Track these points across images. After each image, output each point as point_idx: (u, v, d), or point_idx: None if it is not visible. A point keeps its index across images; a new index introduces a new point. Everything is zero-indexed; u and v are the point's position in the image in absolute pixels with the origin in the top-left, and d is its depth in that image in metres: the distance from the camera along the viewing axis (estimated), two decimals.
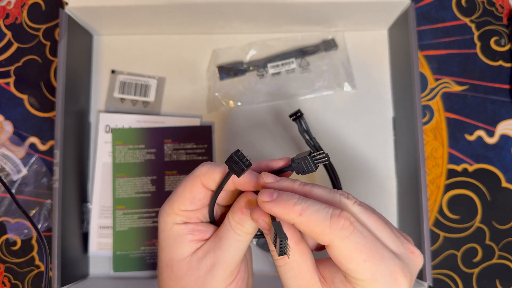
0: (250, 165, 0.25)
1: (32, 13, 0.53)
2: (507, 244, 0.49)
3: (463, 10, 0.53)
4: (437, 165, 0.51)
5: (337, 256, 0.24)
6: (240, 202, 0.28)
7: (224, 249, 0.28)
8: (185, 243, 0.29)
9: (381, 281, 0.24)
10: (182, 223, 0.29)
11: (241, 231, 0.28)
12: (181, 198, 0.29)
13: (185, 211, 0.29)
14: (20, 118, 0.51)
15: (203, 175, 0.28)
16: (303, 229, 0.25)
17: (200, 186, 0.29)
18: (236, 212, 0.28)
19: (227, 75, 0.50)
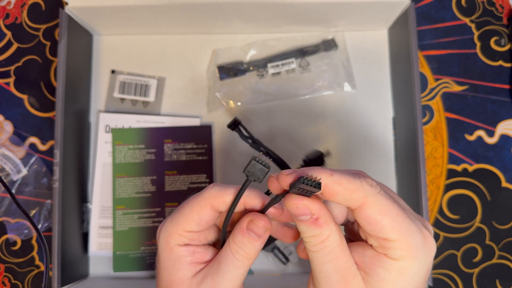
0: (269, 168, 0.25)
1: (32, 13, 0.53)
2: (507, 244, 0.49)
3: (463, 10, 0.53)
4: (437, 165, 0.51)
5: (371, 214, 0.24)
6: (242, 223, 0.28)
7: (222, 275, 0.28)
8: (185, 265, 0.28)
9: (413, 239, 0.24)
10: (183, 244, 0.29)
11: (240, 256, 0.28)
12: (188, 219, 0.28)
13: (190, 232, 0.29)
14: (20, 118, 0.51)
15: (213, 198, 0.28)
16: (336, 189, 0.24)
17: (209, 208, 0.28)
18: (238, 234, 0.28)
19: (227, 75, 0.50)
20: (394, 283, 0.25)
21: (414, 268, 0.25)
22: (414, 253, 0.24)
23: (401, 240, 0.24)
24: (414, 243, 0.24)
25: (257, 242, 0.28)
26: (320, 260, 0.26)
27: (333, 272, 0.26)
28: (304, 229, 0.26)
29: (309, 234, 0.26)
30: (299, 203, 0.25)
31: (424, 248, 0.25)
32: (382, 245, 0.25)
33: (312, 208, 0.25)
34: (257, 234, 0.28)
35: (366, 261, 0.26)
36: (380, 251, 0.25)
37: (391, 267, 0.25)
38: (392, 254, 0.25)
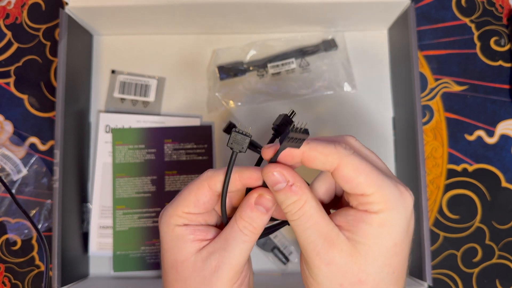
0: (251, 136, 0.26)
1: (32, 13, 0.53)
2: (507, 244, 0.49)
3: (463, 10, 0.53)
4: (437, 165, 0.51)
5: (347, 173, 0.26)
6: (250, 199, 0.29)
7: (230, 250, 0.28)
8: (187, 243, 0.29)
9: (389, 191, 0.26)
10: (182, 225, 0.29)
11: (249, 231, 0.29)
12: (186, 200, 0.29)
13: (188, 213, 0.29)
14: (20, 118, 0.51)
15: (209, 178, 0.29)
16: (312, 155, 0.26)
17: (206, 189, 0.29)
18: (246, 210, 0.29)
19: (227, 75, 0.50)
20: (377, 235, 0.26)
21: (393, 219, 0.26)
22: (391, 205, 0.26)
23: (378, 193, 0.26)
24: (391, 195, 0.26)
25: (265, 216, 0.29)
26: (302, 227, 0.27)
27: (317, 236, 0.27)
28: (282, 198, 0.27)
29: (287, 203, 0.27)
30: (274, 169, 0.27)
31: (401, 199, 0.26)
32: (361, 202, 0.26)
33: (287, 174, 0.27)
34: (266, 208, 0.29)
35: (350, 220, 0.27)
36: (361, 209, 0.26)
37: (372, 221, 0.26)
38: (371, 208, 0.26)
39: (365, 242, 0.26)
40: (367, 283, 0.26)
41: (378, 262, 0.26)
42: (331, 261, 0.26)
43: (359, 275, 0.26)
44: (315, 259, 0.27)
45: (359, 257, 0.26)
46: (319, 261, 0.27)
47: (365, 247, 0.26)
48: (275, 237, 0.48)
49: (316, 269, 0.27)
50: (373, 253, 0.26)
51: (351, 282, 0.26)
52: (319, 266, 0.27)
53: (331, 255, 0.26)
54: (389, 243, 0.26)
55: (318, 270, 0.27)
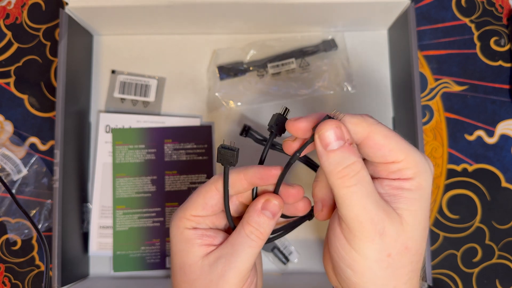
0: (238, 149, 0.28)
1: (32, 13, 0.53)
2: (507, 244, 0.49)
3: (463, 10, 0.53)
4: (437, 165, 0.51)
5: (378, 140, 0.26)
6: (257, 204, 0.29)
7: (237, 255, 0.29)
8: (195, 247, 0.30)
9: (417, 156, 0.26)
10: (191, 228, 0.30)
11: (255, 236, 0.29)
12: (195, 203, 0.30)
13: (196, 216, 0.30)
14: (20, 118, 0.51)
15: (216, 181, 0.30)
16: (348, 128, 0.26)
17: (214, 192, 0.30)
18: (253, 215, 0.29)
19: (227, 75, 0.50)
20: (419, 200, 0.26)
21: (425, 182, 0.26)
22: (421, 168, 0.26)
23: (408, 159, 0.26)
24: (419, 159, 0.26)
25: (272, 221, 0.29)
26: (360, 194, 0.25)
27: (374, 206, 0.25)
28: (338, 159, 0.25)
29: (345, 164, 0.25)
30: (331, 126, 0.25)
31: (427, 163, 0.27)
32: (392, 170, 0.26)
33: (346, 132, 0.25)
34: (273, 213, 0.29)
35: (387, 191, 0.26)
36: (393, 177, 0.26)
37: (411, 186, 0.26)
38: (404, 175, 0.26)
39: (410, 208, 0.26)
40: (411, 248, 0.26)
41: (422, 225, 0.26)
42: (385, 231, 0.25)
43: (407, 242, 0.26)
44: (369, 231, 0.25)
45: (406, 224, 0.26)
46: (374, 231, 0.25)
47: (411, 213, 0.26)
48: None
49: (368, 241, 0.25)
50: (418, 218, 0.26)
51: (399, 250, 0.26)
52: (373, 237, 0.25)
53: (385, 225, 0.25)
54: (426, 205, 0.27)
55: (370, 242, 0.25)
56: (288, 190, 0.30)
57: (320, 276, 0.48)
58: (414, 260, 0.27)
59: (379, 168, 0.27)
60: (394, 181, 0.26)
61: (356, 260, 0.26)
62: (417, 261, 0.27)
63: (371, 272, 0.26)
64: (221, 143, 0.28)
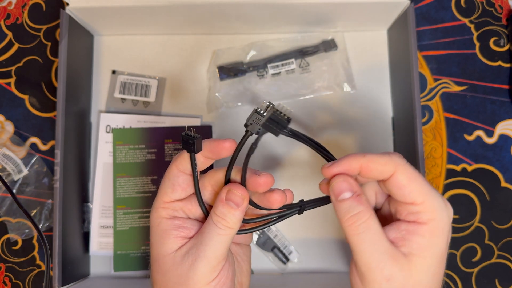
0: (199, 136, 0.28)
1: (33, 14, 0.53)
2: (506, 243, 0.50)
3: (462, 10, 0.53)
4: (436, 165, 0.51)
5: (401, 180, 0.27)
6: (221, 194, 0.30)
7: (205, 243, 0.29)
8: (170, 239, 0.30)
9: (436, 200, 0.27)
10: (169, 217, 0.30)
11: (222, 225, 0.29)
12: (163, 189, 0.30)
13: (170, 202, 0.30)
14: (21, 118, 0.52)
15: (176, 160, 0.30)
16: (371, 166, 0.28)
17: (175, 170, 0.30)
18: (218, 205, 0.29)
19: (227, 76, 0.50)
20: (430, 246, 0.27)
21: (441, 228, 0.27)
22: (438, 214, 0.27)
23: (427, 202, 0.27)
24: (437, 205, 0.27)
25: (236, 211, 0.29)
26: (368, 242, 0.27)
27: (382, 252, 0.27)
28: (346, 208, 0.27)
29: (352, 212, 0.27)
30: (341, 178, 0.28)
31: (446, 209, 0.28)
32: (410, 212, 0.27)
33: (354, 184, 0.28)
34: (236, 203, 0.29)
35: (404, 235, 0.28)
36: (410, 219, 0.28)
37: (425, 232, 0.27)
38: (421, 218, 0.27)
39: (420, 254, 0.27)
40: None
41: (431, 271, 0.27)
42: (392, 276, 0.27)
43: (415, 286, 0.27)
44: (377, 275, 0.27)
45: (415, 270, 0.27)
46: (380, 276, 0.27)
47: (421, 259, 0.27)
48: (275, 237, 0.49)
49: (376, 284, 0.27)
50: (428, 264, 0.27)
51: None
52: (380, 282, 0.27)
53: (393, 271, 0.27)
54: (439, 251, 0.28)
55: (378, 285, 0.27)
56: (255, 179, 0.30)
57: (320, 276, 0.48)
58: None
59: (400, 208, 0.28)
60: (410, 224, 0.28)
61: None
62: None
63: None
64: (184, 131, 0.29)
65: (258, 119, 0.27)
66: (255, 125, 0.27)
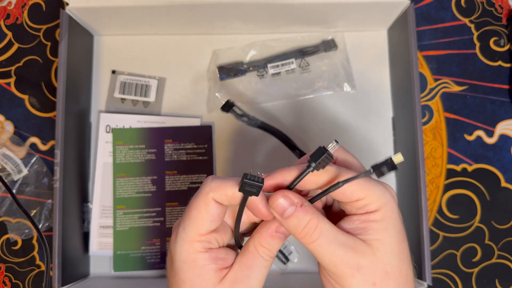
0: (263, 182, 0.26)
1: (32, 14, 0.53)
2: (507, 243, 0.50)
3: (462, 10, 0.53)
4: (436, 165, 0.51)
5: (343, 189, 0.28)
6: (270, 228, 0.29)
7: (254, 277, 0.29)
8: (211, 273, 0.28)
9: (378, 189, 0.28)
10: (204, 250, 0.28)
11: (268, 256, 0.29)
12: (199, 220, 0.28)
13: (206, 234, 0.28)
14: (20, 118, 0.52)
15: (215, 191, 0.28)
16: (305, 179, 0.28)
17: (214, 202, 0.28)
18: (266, 238, 0.29)
19: (227, 76, 0.50)
20: (385, 228, 0.28)
21: (390, 210, 0.28)
22: (384, 199, 0.28)
23: (370, 194, 0.28)
24: (380, 192, 0.28)
25: (283, 240, 0.30)
26: (325, 244, 0.28)
27: (342, 248, 0.28)
28: (295, 222, 0.28)
29: (302, 225, 0.28)
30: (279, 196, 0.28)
31: (387, 192, 0.29)
32: (358, 207, 0.28)
33: (293, 197, 0.28)
34: (285, 235, 0.29)
35: (356, 225, 0.28)
36: (361, 212, 0.28)
37: (376, 217, 0.28)
38: (370, 208, 0.28)
39: (379, 237, 0.28)
40: (392, 273, 0.28)
41: (394, 251, 0.28)
42: (359, 264, 0.27)
43: (385, 268, 0.28)
44: (345, 269, 0.27)
45: (378, 253, 0.28)
46: (350, 269, 0.27)
47: (380, 242, 0.28)
48: None
49: (348, 278, 0.28)
50: (389, 244, 0.28)
51: (381, 277, 0.28)
52: (352, 273, 0.27)
53: (358, 259, 0.27)
54: (396, 229, 0.28)
55: (351, 278, 0.27)
56: None
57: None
58: (400, 282, 0.28)
59: (348, 207, 0.29)
60: (362, 215, 0.28)
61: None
62: (404, 282, 0.28)
63: None
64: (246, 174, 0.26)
65: (328, 159, 0.28)
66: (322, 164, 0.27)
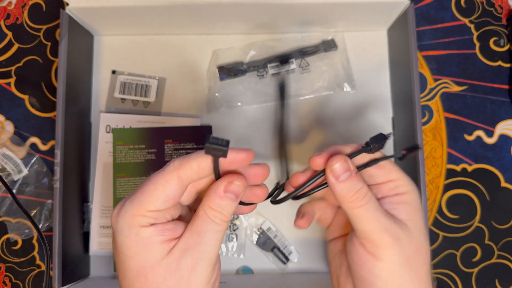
0: (229, 142, 0.25)
1: (32, 14, 0.53)
2: (506, 243, 0.50)
3: (462, 10, 0.53)
4: (436, 165, 0.51)
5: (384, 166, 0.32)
6: (218, 187, 0.27)
7: (205, 243, 0.27)
8: (157, 246, 0.26)
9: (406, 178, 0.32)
10: (149, 225, 0.26)
11: (220, 220, 0.27)
12: (152, 197, 0.26)
13: (155, 211, 0.26)
14: (21, 118, 0.52)
15: (179, 168, 0.26)
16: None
17: (176, 181, 0.26)
18: (215, 199, 0.27)
19: (227, 76, 0.50)
20: (415, 210, 0.31)
21: (417, 195, 0.31)
22: (412, 186, 0.31)
23: (401, 178, 0.31)
24: (408, 179, 0.31)
25: (234, 202, 0.28)
26: (372, 210, 0.29)
27: (385, 216, 0.29)
28: (350, 186, 0.29)
29: (355, 189, 0.29)
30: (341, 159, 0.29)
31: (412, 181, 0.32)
32: (391, 187, 0.31)
33: (351, 164, 0.30)
34: (236, 194, 0.28)
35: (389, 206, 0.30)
36: (392, 194, 0.31)
37: (407, 199, 0.30)
38: (400, 190, 0.31)
39: (411, 217, 0.30)
40: (422, 251, 0.30)
41: (423, 231, 0.30)
42: (399, 236, 0.29)
43: (418, 245, 0.30)
44: (387, 238, 0.29)
45: (413, 231, 0.30)
46: (389, 237, 0.29)
47: (413, 222, 0.30)
48: (275, 237, 0.49)
49: (388, 248, 0.29)
50: (419, 225, 0.30)
51: (414, 252, 0.29)
52: (392, 243, 0.29)
53: (398, 231, 0.29)
54: (421, 215, 0.31)
55: (390, 248, 0.29)
56: (254, 169, 0.29)
57: (320, 276, 0.48)
58: (426, 262, 0.30)
59: (381, 188, 0.31)
60: (393, 197, 0.31)
61: (383, 268, 0.29)
62: (428, 263, 0.30)
63: (399, 276, 0.29)
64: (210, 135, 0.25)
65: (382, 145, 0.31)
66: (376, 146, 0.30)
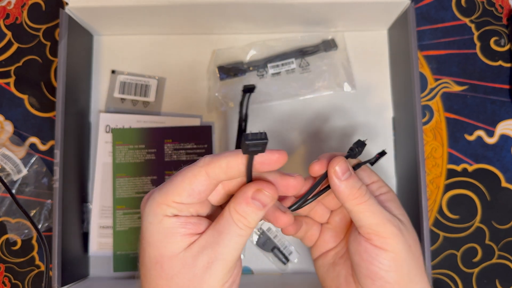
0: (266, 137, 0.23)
1: (32, 13, 0.53)
2: (507, 244, 0.49)
3: (462, 10, 0.53)
4: (436, 165, 0.51)
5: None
6: (247, 192, 0.27)
7: (224, 244, 0.26)
8: (177, 237, 0.26)
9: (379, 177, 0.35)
10: (172, 215, 0.27)
11: (243, 225, 0.27)
12: (178, 188, 0.26)
13: (179, 203, 0.26)
14: (20, 118, 0.51)
15: (208, 165, 0.26)
16: None
17: (204, 176, 0.26)
18: (241, 204, 0.27)
19: (227, 75, 0.50)
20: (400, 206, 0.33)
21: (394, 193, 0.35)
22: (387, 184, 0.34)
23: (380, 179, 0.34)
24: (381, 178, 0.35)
25: (261, 211, 0.27)
26: (374, 204, 0.30)
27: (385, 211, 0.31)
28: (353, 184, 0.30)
29: (358, 186, 0.30)
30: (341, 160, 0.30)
31: None
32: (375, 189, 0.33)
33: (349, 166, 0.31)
34: (263, 204, 0.27)
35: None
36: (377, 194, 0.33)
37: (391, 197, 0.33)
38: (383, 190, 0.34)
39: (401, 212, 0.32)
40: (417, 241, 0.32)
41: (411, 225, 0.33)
42: (400, 228, 0.31)
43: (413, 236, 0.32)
44: (393, 228, 0.30)
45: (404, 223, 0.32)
46: (395, 228, 0.30)
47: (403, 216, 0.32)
48: (275, 237, 0.49)
49: (394, 237, 0.30)
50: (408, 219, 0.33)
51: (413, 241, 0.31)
52: (396, 232, 0.30)
53: (398, 222, 0.31)
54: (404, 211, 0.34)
55: (396, 237, 0.30)
56: (287, 180, 0.28)
57: None
58: (421, 252, 0.32)
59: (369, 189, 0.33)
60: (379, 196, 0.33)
61: (392, 258, 0.30)
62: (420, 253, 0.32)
63: (405, 265, 0.30)
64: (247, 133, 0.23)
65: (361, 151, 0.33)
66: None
